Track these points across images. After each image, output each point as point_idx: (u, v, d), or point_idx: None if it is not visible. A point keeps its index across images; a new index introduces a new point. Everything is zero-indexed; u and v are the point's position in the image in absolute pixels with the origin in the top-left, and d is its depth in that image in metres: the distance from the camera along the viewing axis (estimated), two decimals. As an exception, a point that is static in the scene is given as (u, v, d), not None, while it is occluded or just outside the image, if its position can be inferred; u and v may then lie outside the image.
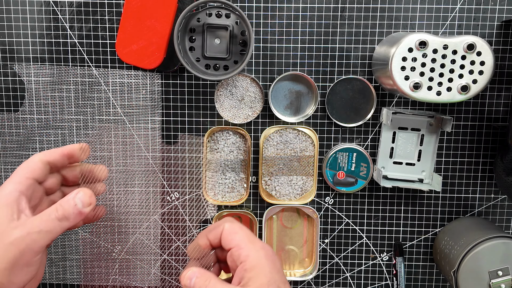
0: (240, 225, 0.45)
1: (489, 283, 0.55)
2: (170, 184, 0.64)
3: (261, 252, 0.41)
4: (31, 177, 0.45)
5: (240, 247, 0.42)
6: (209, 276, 0.42)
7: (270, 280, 0.40)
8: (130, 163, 0.63)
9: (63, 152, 0.48)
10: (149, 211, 0.64)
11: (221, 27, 0.56)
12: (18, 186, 0.44)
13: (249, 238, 0.43)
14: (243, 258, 0.41)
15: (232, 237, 0.43)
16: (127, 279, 0.65)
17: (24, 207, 0.44)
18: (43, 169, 0.47)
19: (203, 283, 0.42)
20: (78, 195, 0.45)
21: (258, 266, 0.41)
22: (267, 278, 0.40)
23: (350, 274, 0.66)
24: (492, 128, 0.62)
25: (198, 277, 0.42)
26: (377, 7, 0.59)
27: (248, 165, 0.62)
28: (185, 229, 0.65)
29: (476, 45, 0.51)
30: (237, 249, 0.42)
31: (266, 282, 0.40)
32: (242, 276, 0.41)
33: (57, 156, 0.48)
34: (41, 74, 0.61)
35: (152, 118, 0.62)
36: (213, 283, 0.41)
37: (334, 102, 0.61)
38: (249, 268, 0.41)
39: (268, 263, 0.41)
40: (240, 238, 0.43)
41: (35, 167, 0.46)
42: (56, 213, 0.44)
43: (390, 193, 0.64)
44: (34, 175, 0.46)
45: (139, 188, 0.63)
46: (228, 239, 0.43)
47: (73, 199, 0.45)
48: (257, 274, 0.40)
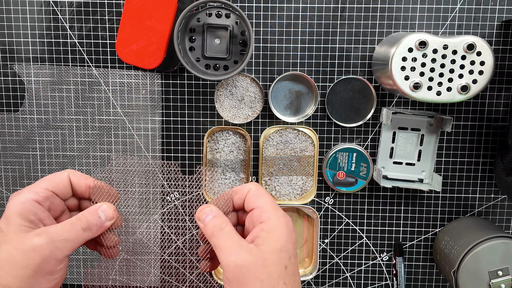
0: (265, 190, 0.44)
1: (489, 283, 0.55)
2: (170, 184, 0.64)
3: (282, 219, 0.41)
4: (50, 189, 0.44)
5: (263, 210, 0.41)
6: (226, 221, 0.41)
7: (283, 247, 0.40)
8: (130, 163, 0.63)
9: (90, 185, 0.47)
10: (149, 211, 0.64)
11: (221, 27, 0.56)
12: (33, 196, 0.43)
13: (273, 204, 0.42)
14: (264, 219, 0.41)
15: (257, 199, 0.42)
16: (127, 279, 0.65)
17: (43, 216, 0.43)
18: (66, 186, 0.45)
19: (218, 225, 0.41)
20: (102, 207, 0.45)
21: (276, 231, 0.40)
22: (281, 244, 0.40)
23: (350, 274, 0.66)
24: (492, 128, 0.62)
25: (215, 217, 0.42)
26: (377, 7, 0.59)
27: (248, 165, 0.62)
28: (185, 229, 0.65)
29: (476, 45, 0.51)
30: (260, 210, 0.41)
31: (279, 248, 0.39)
32: (257, 235, 0.40)
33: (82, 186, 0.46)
34: (41, 74, 0.61)
35: (152, 118, 0.62)
36: (228, 230, 0.41)
37: (334, 102, 0.61)
38: (266, 229, 0.40)
39: (286, 232, 0.40)
40: (265, 201, 0.42)
41: (60, 181, 0.45)
42: (80, 223, 0.43)
43: (390, 193, 0.64)
44: (55, 189, 0.45)
45: (139, 188, 0.63)
46: (253, 200, 0.42)
47: (97, 211, 0.44)
48: (273, 237, 0.40)
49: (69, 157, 0.63)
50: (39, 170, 0.63)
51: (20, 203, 0.42)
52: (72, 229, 0.43)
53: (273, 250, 0.39)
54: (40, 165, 0.63)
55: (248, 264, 0.38)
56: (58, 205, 0.46)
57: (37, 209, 0.43)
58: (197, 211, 0.44)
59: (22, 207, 0.42)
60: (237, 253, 0.39)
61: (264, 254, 0.39)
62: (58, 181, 0.45)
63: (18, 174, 0.63)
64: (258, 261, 0.38)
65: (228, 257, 0.39)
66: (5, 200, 0.64)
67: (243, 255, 0.38)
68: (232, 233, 0.41)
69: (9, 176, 0.63)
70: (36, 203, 0.43)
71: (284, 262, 0.39)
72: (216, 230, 0.41)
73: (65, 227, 0.43)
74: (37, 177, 0.63)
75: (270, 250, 0.39)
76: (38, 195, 0.43)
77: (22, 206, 0.42)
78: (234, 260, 0.38)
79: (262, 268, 0.38)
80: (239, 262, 0.38)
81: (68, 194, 0.46)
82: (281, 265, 0.39)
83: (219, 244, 0.40)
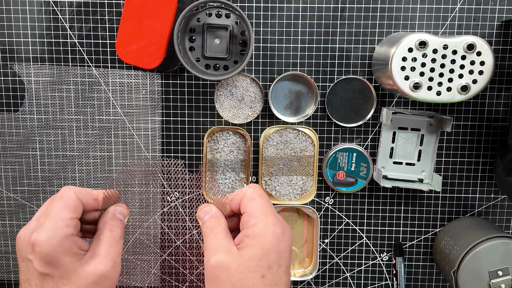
0: (261, 193, 0.43)
1: (489, 283, 0.55)
2: (170, 184, 0.64)
3: (269, 228, 0.40)
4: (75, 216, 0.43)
5: (251, 214, 0.41)
6: (220, 222, 0.42)
7: (263, 256, 0.39)
8: (130, 163, 0.63)
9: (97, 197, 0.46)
10: (149, 211, 0.64)
11: (221, 27, 0.56)
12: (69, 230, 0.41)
13: (265, 209, 0.41)
14: (250, 225, 0.40)
15: (249, 203, 0.42)
16: (127, 279, 0.65)
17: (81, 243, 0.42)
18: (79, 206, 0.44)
19: (212, 224, 0.41)
20: (116, 210, 0.46)
21: (259, 238, 0.39)
22: (262, 252, 0.39)
23: (350, 274, 0.66)
24: (492, 128, 0.62)
25: (212, 217, 0.42)
26: (377, 7, 0.59)
27: (248, 165, 0.62)
28: (185, 229, 0.65)
29: (476, 45, 0.51)
30: (248, 215, 0.41)
31: (259, 256, 0.39)
32: (241, 239, 0.40)
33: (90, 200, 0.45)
34: (41, 74, 0.61)
35: (152, 118, 0.62)
36: (219, 230, 0.41)
37: (334, 102, 0.61)
38: (250, 235, 0.40)
39: (271, 241, 0.39)
40: (255, 206, 0.41)
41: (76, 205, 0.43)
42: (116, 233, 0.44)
43: (390, 193, 0.64)
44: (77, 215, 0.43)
45: (139, 188, 0.63)
46: (245, 204, 0.42)
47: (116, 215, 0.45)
48: (254, 244, 0.39)
49: (69, 157, 0.63)
50: (39, 170, 0.63)
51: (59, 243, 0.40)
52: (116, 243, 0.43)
53: (251, 257, 0.39)
54: (40, 165, 0.63)
55: (222, 265, 0.38)
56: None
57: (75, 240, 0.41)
58: (198, 209, 0.44)
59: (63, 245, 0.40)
60: (216, 253, 0.39)
61: (241, 259, 0.39)
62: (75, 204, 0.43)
63: (18, 174, 0.63)
64: (233, 264, 0.38)
65: (207, 256, 0.39)
66: (5, 200, 0.64)
67: (220, 256, 0.39)
68: (220, 233, 0.41)
69: (9, 176, 0.63)
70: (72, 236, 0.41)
71: (262, 271, 0.39)
72: (208, 230, 0.41)
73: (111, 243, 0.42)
74: (37, 177, 0.63)
75: (249, 257, 0.39)
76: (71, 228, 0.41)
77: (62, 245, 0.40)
78: (212, 260, 0.39)
79: (236, 272, 0.38)
80: (215, 262, 0.38)
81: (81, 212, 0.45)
82: (257, 273, 0.38)
83: (206, 244, 0.41)
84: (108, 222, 0.44)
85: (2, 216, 0.64)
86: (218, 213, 0.43)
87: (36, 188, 0.63)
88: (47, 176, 0.63)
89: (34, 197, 0.64)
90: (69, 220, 0.41)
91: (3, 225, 0.65)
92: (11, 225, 0.64)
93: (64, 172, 0.63)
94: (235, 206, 0.44)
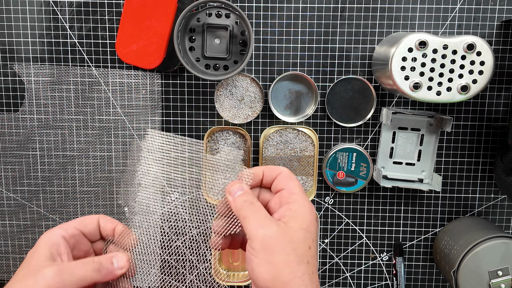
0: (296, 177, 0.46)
1: (489, 283, 0.55)
2: (170, 184, 0.64)
3: (308, 204, 0.42)
4: (79, 228, 0.47)
5: (292, 192, 0.43)
6: (255, 199, 0.43)
7: (308, 228, 0.41)
8: (130, 163, 0.63)
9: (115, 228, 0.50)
10: (149, 211, 0.64)
11: (221, 27, 0.56)
12: (63, 232, 0.46)
13: (302, 189, 0.44)
14: (292, 200, 0.42)
15: (288, 181, 0.44)
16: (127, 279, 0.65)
17: (63, 252, 0.45)
18: (95, 228, 0.49)
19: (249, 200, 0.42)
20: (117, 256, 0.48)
21: (302, 212, 0.41)
22: (307, 224, 0.41)
23: (350, 274, 0.66)
24: (492, 128, 0.62)
25: (246, 193, 0.43)
26: (377, 7, 0.59)
27: (248, 165, 0.62)
28: (185, 229, 0.65)
29: (476, 45, 0.51)
30: (289, 192, 0.43)
31: (305, 227, 0.41)
32: (284, 214, 0.42)
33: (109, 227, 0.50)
34: (41, 74, 0.61)
35: (152, 118, 0.62)
36: (258, 205, 0.42)
37: (334, 102, 0.61)
38: (294, 209, 0.41)
39: (311, 215, 0.42)
40: (295, 185, 0.43)
41: (89, 223, 0.48)
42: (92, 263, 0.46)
43: (390, 193, 0.64)
44: (84, 229, 0.48)
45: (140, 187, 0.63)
46: (283, 182, 0.44)
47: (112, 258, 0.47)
48: (300, 217, 0.41)
49: (69, 157, 0.63)
50: (39, 170, 0.63)
51: (49, 237, 0.45)
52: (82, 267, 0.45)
53: (299, 229, 0.40)
54: (40, 165, 0.63)
55: (276, 236, 0.39)
56: (84, 245, 0.48)
57: (61, 244, 0.45)
58: (228, 185, 0.46)
59: (50, 240, 0.45)
60: (266, 225, 0.40)
61: (291, 230, 0.40)
62: (88, 222, 0.47)
63: (18, 174, 0.63)
64: (285, 235, 0.40)
65: (256, 228, 0.40)
66: (5, 200, 0.64)
67: (272, 228, 0.40)
68: (261, 208, 0.42)
69: (9, 176, 0.63)
70: (63, 238, 0.45)
71: (308, 242, 0.41)
72: (246, 203, 0.42)
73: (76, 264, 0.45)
74: (37, 177, 0.63)
75: (297, 228, 0.40)
76: (66, 232, 0.46)
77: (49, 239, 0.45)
78: (263, 231, 0.39)
79: (289, 243, 0.39)
80: (268, 233, 0.39)
81: (95, 237, 0.49)
82: (305, 243, 0.40)
83: (249, 216, 0.41)
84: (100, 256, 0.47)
85: (2, 216, 0.64)
86: (250, 190, 0.44)
87: (36, 188, 0.63)
88: (47, 176, 0.63)
89: (34, 197, 0.64)
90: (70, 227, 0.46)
91: (3, 225, 0.65)
92: (11, 225, 0.64)
93: (64, 172, 0.63)
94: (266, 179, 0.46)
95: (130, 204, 0.61)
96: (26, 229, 0.65)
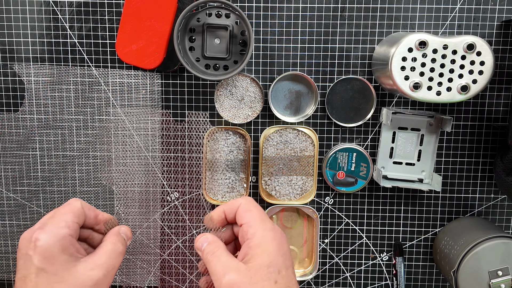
0: (255, 204, 0.46)
1: (489, 283, 0.55)
2: (170, 184, 0.64)
3: (269, 233, 0.42)
4: (77, 221, 0.47)
5: (249, 225, 0.43)
6: (219, 245, 0.43)
7: (272, 262, 0.40)
8: (130, 163, 0.63)
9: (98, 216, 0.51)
10: (149, 211, 0.64)
11: (221, 27, 0.56)
12: (69, 231, 0.45)
13: (261, 217, 0.43)
14: (250, 236, 0.42)
15: (245, 214, 0.44)
16: (127, 279, 0.65)
17: (79, 247, 0.46)
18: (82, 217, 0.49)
19: (212, 249, 0.43)
20: (121, 230, 0.49)
21: (262, 245, 0.41)
22: (269, 258, 0.40)
23: (350, 274, 0.66)
24: (492, 128, 0.62)
25: (209, 244, 0.44)
26: (377, 7, 0.59)
27: (248, 165, 0.62)
28: (185, 229, 0.65)
29: (476, 45, 0.51)
30: (247, 226, 0.43)
31: (267, 263, 0.40)
32: (246, 252, 0.42)
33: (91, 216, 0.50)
34: (41, 74, 0.61)
35: (152, 118, 0.62)
36: (220, 252, 0.42)
37: (334, 102, 0.61)
38: (253, 246, 0.41)
39: (274, 245, 0.41)
40: (252, 216, 0.43)
41: (79, 213, 0.48)
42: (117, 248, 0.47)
43: (390, 193, 0.64)
44: (79, 221, 0.48)
45: (139, 188, 0.63)
46: (241, 216, 0.44)
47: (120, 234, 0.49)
48: (260, 253, 0.41)
49: (69, 157, 0.63)
50: (39, 170, 0.63)
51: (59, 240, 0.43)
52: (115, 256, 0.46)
53: (260, 267, 0.40)
54: (40, 165, 0.63)
55: (237, 283, 0.39)
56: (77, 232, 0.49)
57: (74, 242, 0.45)
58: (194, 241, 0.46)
59: (62, 244, 0.43)
60: (227, 272, 0.40)
61: (251, 271, 0.40)
62: (79, 212, 0.47)
63: (18, 174, 0.63)
64: (246, 279, 0.39)
65: (218, 280, 0.40)
66: (5, 200, 0.64)
67: (231, 276, 0.40)
68: (223, 255, 0.42)
69: (9, 176, 0.63)
70: (71, 237, 0.45)
71: (274, 277, 0.40)
72: (209, 255, 0.43)
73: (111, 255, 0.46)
74: (37, 177, 0.63)
75: (257, 267, 0.40)
76: (72, 230, 0.45)
77: (61, 243, 0.43)
78: (226, 280, 0.40)
79: (250, 285, 0.39)
80: (228, 282, 0.39)
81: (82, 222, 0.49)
82: (270, 280, 0.40)
83: (211, 269, 0.42)
84: (111, 237, 0.48)
85: (2, 216, 0.64)
86: (214, 238, 0.45)
87: (36, 188, 0.63)
88: (47, 176, 0.63)
89: (34, 197, 0.64)
90: (71, 223, 0.45)
91: (3, 225, 0.65)
92: (11, 225, 0.65)
93: (64, 172, 0.63)
94: (229, 216, 0.46)
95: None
96: (26, 229, 0.64)
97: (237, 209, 0.45)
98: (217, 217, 0.46)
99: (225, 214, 0.46)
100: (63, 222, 0.45)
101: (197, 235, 0.59)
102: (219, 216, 0.46)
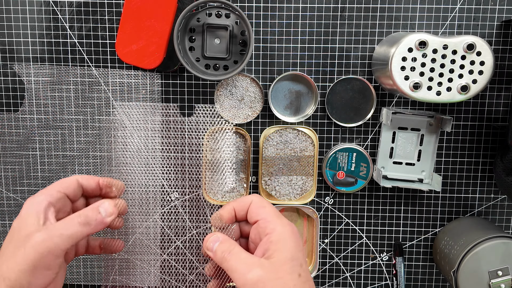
0: (267, 201, 0.45)
1: (489, 283, 0.55)
2: (170, 184, 0.64)
3: (287, 228, 0.42)
4: (62, 191, 0.48)
5: (267, 220, 0.42)
6: (233, 243, 0.43)
7: (294, 256, 0.40)
8: (130, 163, 0.63)
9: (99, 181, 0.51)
10: (149, 211, 0.64)
11: (221, 27, 0.56)
12: (48, 197, 0.46)
13: (276, 213, 0.43)
14: (270, 231, 0.42)
15: (260, 210, 0.43)
16: (127, 279, 0.65)
17: (51, 216, 0.46)
18: (76, 189, 0.49)
19: (227, 248, 0.42)
20: (103, 205, 0.48)
21: (283, 241, 0.41)
22: (291, 253, 0.40)
23: (350, 274, 0.66)
24: (492, 128, 0.62)
25: (222, 243, 0.43)
26: (377, 7, 0.59)
27: (248, 165, 0.62)
28: (185, 229, 0.65)
29: (476, 45, 0.51)
30: (264, 222, 0.42)
31: (290, 257, 0.40)
32: (267, 248, 0.41)
33: (92, 184, 0.50)
34: (41, 74, 0.61)
35: (152, 118, 0.62)
36: (237, 250, 0.42)
37: (334, 102, 0.61)
38: (275, 241, 0.41)
39: (293, 240, 0.41)
40: (268, 212, 0.43)
41: (70, 184, 0.48)
42: (79, 218, 0.45)
43: (390, 193, 0.64)
44: (66, 191, 0.48)
45: (139, 188, 0.63)
46: (256, 212, 0.44)
47: (98, 208, 0.47)
48: (282, 247, 0.41)
49: (69, 157, 0.63)
50: (39, 170, 0.63)
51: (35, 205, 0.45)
52: (70, 224, 0.45)
53: (285, 261, 0.40)
54: (40, 165, 0.63)
55: (263, 278, 0.39)
56: (67, 207, 0.49)
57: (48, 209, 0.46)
58: (203, 241, 0.45)
59: (36, 207, 0.45)
60: (250, 270, 0.39)
61: (276, 266, 0.40)
62: (69, 183, 0.48)
63: (18, 174, 0.63)
64: (271, 274, 0.39)
65: (242, 277, 0.39)
66: (5, 200, 0.64)
67: (256, 271, 0.39)
68: (241, 252, 0.42)
69: (9, 176, 0.63)
70: (49, 204, 0.46)
71: (297, 270, 0.40)
72: (226, 253, 0.42)
73: (63, 223, 0.45)
74: (37, 177, 0.63)
75: (282, 261, 0.40)
76: (52, 197, 0.46)
77: (36, 206, 0.45)
78: (249, 278, 0.39)
79: (277, 280, 0.39)
80: (254, 278, 0.39)
81: (77, 196, 0.50)
82: (294, 273, 0.40)
83: (231, 266, 0.41)
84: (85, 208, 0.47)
85: (2, 216, 0.64)
86: (226, 236, 0.44)
87: (36, 188, 0.63)
88: (47, 176, 0.63)
89: (34, 197, 0.64)
90: (55, 192, 0.47)
91: (3, 225, 0.65)
92: (11, 225, 0.64)
93: (64, 172, 0.63)
94: (239, 213, 0.46)
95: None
96: (26, 229, 0.64)
97: (248, 206, 0.45)
98: (228, 214, 0.45)
99: (235, 211, 0.46)
100: (49, 190, 0.47)
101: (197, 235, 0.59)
102: (230, 214, 0.45)
